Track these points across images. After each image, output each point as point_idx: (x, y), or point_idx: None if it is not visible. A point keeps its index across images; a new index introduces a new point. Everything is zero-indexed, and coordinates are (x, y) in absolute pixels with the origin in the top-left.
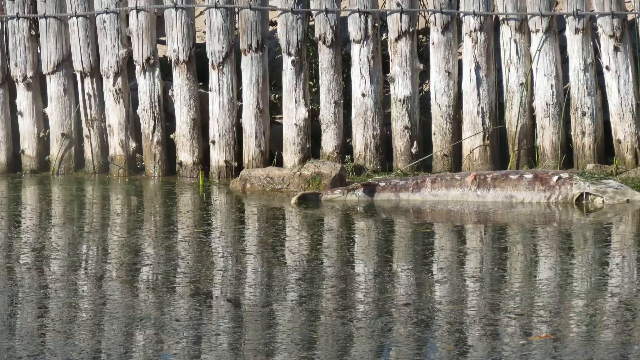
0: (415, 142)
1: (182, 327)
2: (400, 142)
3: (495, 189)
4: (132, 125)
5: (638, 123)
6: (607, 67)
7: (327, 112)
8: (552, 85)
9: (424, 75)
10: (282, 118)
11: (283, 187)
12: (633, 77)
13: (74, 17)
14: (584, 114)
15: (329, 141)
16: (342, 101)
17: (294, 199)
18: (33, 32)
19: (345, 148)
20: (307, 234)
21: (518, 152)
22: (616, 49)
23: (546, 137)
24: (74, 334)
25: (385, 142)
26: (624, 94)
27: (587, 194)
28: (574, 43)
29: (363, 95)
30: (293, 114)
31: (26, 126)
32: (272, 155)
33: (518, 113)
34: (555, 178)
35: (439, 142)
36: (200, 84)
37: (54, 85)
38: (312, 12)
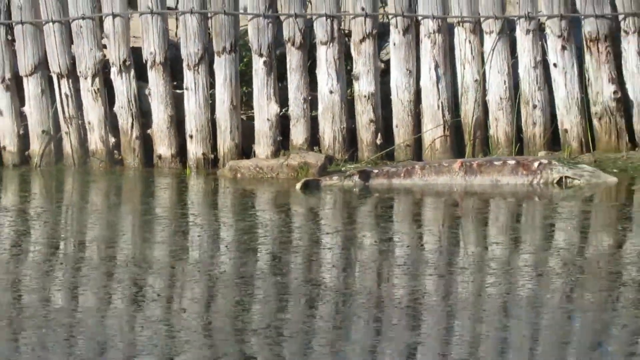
0: (379, 134)
1: None
2: (365, 134)
3: (482, 174)
4: (110, 122)
5: (582, 114)
6: (554, 65)
7: (296, 107)
8: (504, 81)
9: (385, 72)
10: (250, 114)
11: (273, 176)
12: (578, 73)
13: (50, 23)
14: (534, 106)
15: (298, 134)
16: (309, 98)
17: (298, 185)
18: (9, 37)
19: (312, 140)
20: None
21: (473, 141)
22: (563, 47)
23: (500, 128)
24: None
25: (350, 134)
26: (570, 88)
27: (566, 177)
28: (525, 43)
29: (330, 92)
30: (265, 110)
31: (6, 124)
32: (243, 147)
33: (473, 107)
34: (536, 164)
35: (402, 134)
36: (174, 83)
37: (32, 86)
38: (281, 16)
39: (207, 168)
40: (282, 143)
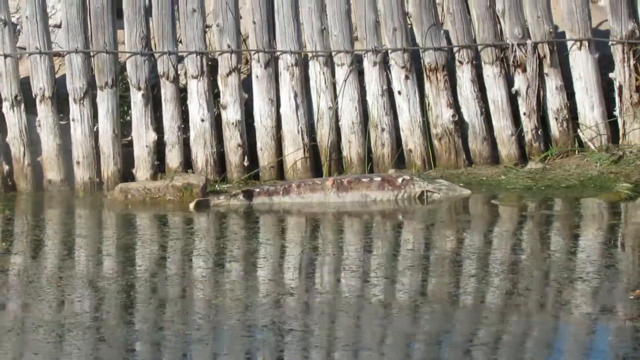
0: (245, 157)
1: None
2: (234, 157)
3: (352, 190)
4: (4, 151)
5: (425, 136)
6: (399, 92)
7: (171, 135)
8: (355, 108)
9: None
10: (128, 141)
11: (160, 196)
12: (419, 100)
13: None
14: (382, 129)
15: (174, 158)
16: (182, 126)
17: (192, 205)
18: None
19: (187, 164)
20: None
21: (329, 162)
22: (406, 77)
23: (353, 149)
24: None
25: (220, 157)
26: (413, 113)
27: (427, 191)
28: (372, 73)
29: (202, 120)
30: (144, 138)
31: None
32: (123, 172)
33: (328, 131)
34: (400, 180)
35: (266, 156)
36: (61, 115)
37: None
38: (156, 54)
39: (94, 190)
40: (159, 167)
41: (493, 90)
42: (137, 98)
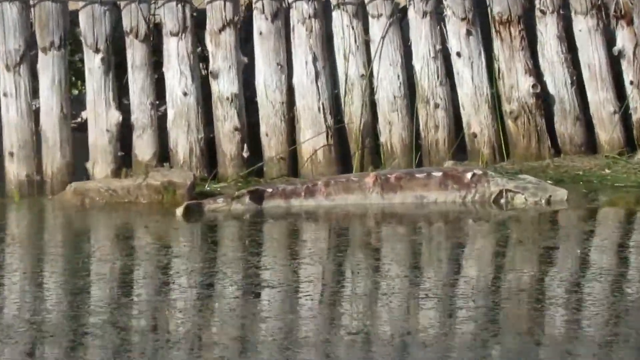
0: (245, 145)
1: None
2: (229, 145)
3: (403, 190)
4: None
5: (494, 114)
6: (457, 54)
7: (142, 114)
8: (398, 76)
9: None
10: (79, 123)
11: (131, 200)
12: (486, 64)
13: None
14: (436, 105)
15: (145, 148)
16: (157, 102)
17: (179, 211)
18: None
19: (163, 155)
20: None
21: (362, 151)
22: (468, 32)
23: (395, 133)
24: None
25: (209, 146)
26: (478, 82)
27: (506, 191)
28: (421, 28)
29: (185, 94)
30: (103, 119)
31: None
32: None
33: (360, 108)
34: (469, 175)
35: (273, 144)
36: None
37: None
38: (121, 2)
39: (33, 193)
40: (124, 159)
41: (587, 50)
42: (93, 64)
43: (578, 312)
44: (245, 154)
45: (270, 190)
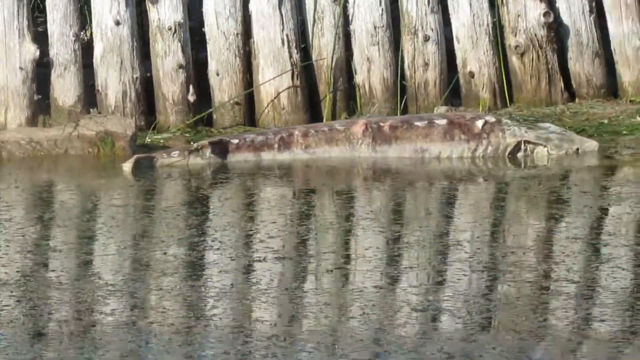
0: (190, 87)
1: None
2: (171, 86)
3: (399, 141)
4: None
5: (495, 50)
6: None
7: (64, 49)
8: (380, 1)
9: None
10: None
11: (59, 152)
12: None
13: None
14: (426, 38)
15: (67, 90)
16: (82, 34)
17: (128, 165)
18: None
19: (88, 98)
20: None
21: (334, 95)
22: None
23: (374, 71)
24: None
25: (145, 89)
26: (477, 9)
27: (526, 142)
28: None
29: (117, 23)
30: (16, 54)
31: None
32: None
33: (333, 41)
34: (479, 123)
35: (226, 85)
36: None
37: None
38: None
39: None
40: (39, 104)
41: None
42: None
43: None
44: (191, 98)
45: (236, 141)
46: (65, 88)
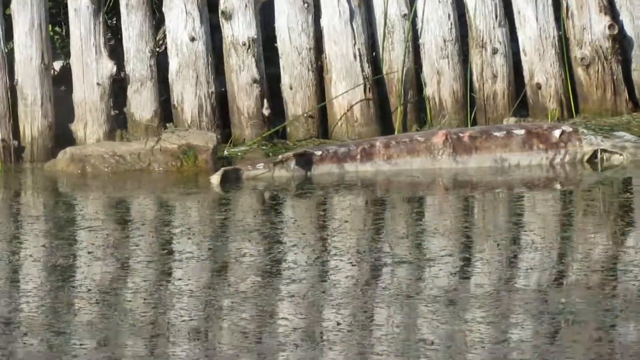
0: (265, 101)
1: None
2: (246, 101)
3: (479, 151)
4: None
5: (561, 62)
6: None
7: (140, 64)
8: (449, 15)
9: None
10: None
11: (142, 167)
12: (552, 0)
13: None
14: (495, 51)
15: (144, 105)
16: (157, 50)
17: (215, 179)
18: None
19: (165, 113)
20: None
21: (404, 107)
22: None
23: (444, 84)
24: None
25: (220, 103)
26: (544, 22)
27: (602, 150)
28: None
29: (192, 39)
30: (93, 70)
31: None
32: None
33: (403, 55)
34: (557, 133)
35: (299, 99)
36: None
37: None
38: None
39: (8, 162)
40: (116, 119)
41: None
42: (80, 2)
43: None
44: (265, 111)
45: (319, 153)
46: (142, 103)
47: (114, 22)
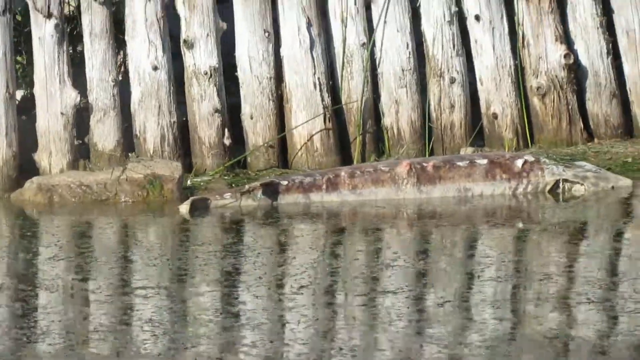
0: (226, 131)
1: None
2: (207, 130)
3: (443, 181)
4: None
5: (517, 91)
6: (476, 17)
7: (103, 93)
8: (407, 44)
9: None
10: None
11: (109, 197)
12: (509, 30)
13: None
14: (452, 80)
15: (107, 135)
16: (119, 79)
17: (184, 208)
18: None
19: (127, 143)
20: None
21: (363, 137)
22: None
23: (403, 114)
24: None
25: (182, 132)
26: (500, 51)
27: (564, 180)
28: None
29: (155, 68)
30: (57, 99)
31: None
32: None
33: (362, 84)
34: (519, 162)
35: (260, 129)
36: None
37: None
38: None
39: None
40: (78, 149)
41: (625, 13)
42: (46, 31)
43: None
44: (226, 141)
45: (285, 183)
46: (105, 133)
47: (78, 50)
